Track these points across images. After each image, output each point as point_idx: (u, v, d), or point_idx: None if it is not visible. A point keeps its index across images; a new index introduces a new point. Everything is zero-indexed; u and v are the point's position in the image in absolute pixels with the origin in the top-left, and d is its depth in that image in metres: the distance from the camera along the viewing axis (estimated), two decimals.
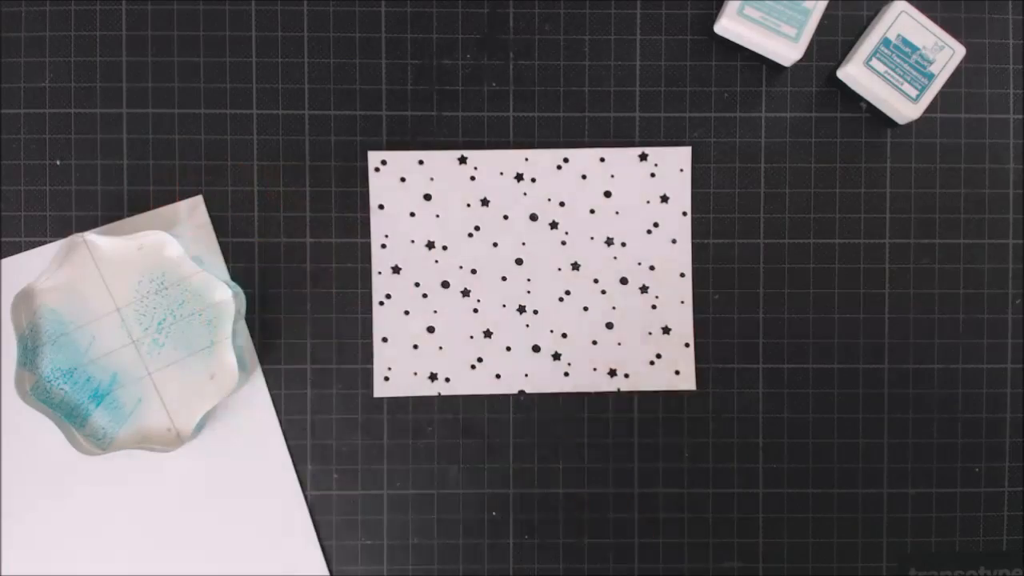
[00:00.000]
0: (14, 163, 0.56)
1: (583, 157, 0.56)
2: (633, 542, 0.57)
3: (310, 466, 0.56)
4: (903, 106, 0.54)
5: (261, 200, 0.56)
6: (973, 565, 0.56)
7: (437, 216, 0.56)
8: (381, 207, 0.56)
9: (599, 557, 0.57)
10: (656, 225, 0.56)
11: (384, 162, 0.56)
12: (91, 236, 0.54)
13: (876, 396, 0.56)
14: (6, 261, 0.56)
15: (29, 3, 0.55)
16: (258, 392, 0.56)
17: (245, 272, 0.56)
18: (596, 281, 0.56)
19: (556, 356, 0.56)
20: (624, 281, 0.56)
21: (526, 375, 0.56)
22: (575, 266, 0.56)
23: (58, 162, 0.56)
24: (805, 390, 0.56)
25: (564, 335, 0.56)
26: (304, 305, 0.56)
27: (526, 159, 0.56)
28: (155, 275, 0.55)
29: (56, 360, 0.55)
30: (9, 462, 0.56)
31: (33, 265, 0.55)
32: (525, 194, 0.56)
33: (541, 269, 0.56)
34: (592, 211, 0.56)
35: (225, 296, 0.55)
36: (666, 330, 0.56)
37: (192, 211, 0.56)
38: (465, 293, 0.56)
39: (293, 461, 0.56)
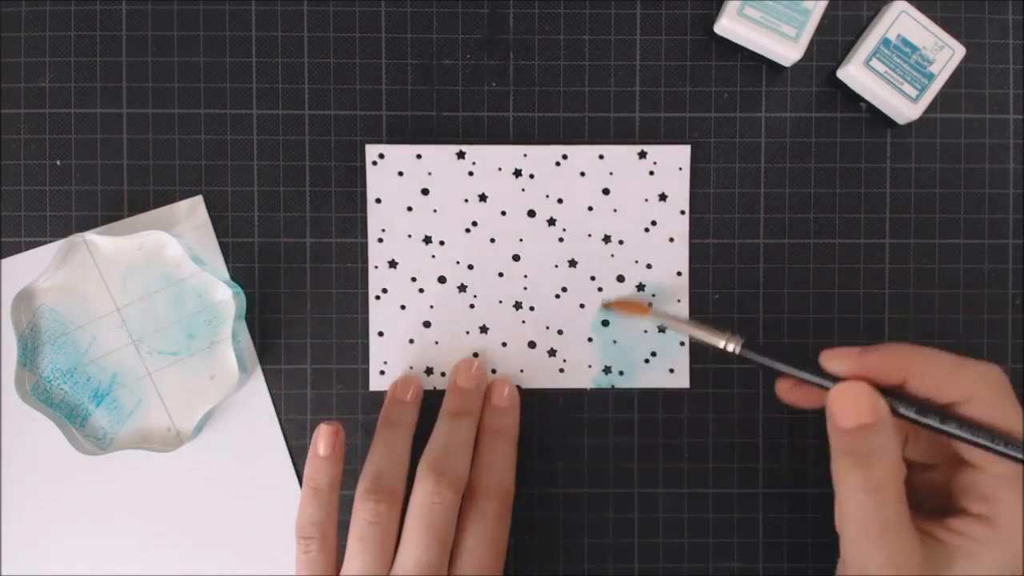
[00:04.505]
0: (14, 163, 0.56)
1: (582, 154, 0.56)
2: (633, 542, 0.57)
3: None
4: (903, 106, 0.53)
5: (261, 200, 0.56)
6: None
7: (434, 211, 0.56)
8: (378, 201, 0.56)
9: (599, 557, 0.57)
10: (654, 223, 0.56)
11: (382, 155, 0.56)
12: (91, 236, 0.54)
13: None
14: (6, 261, 0.56)
15: (29, 3, 0.55)
16: (258, 392, 0.56)
17: (245, 272, 0.56)
18: (593, 278, 0.56)
19: (552, 352, 0.56)
20: (621, 279, 0.56)
21: (521, 371, 0.56)
22: (572, 263, 0.56)
23: (58, 162, 0.56)
24: None
25: (560, 332, 0.56)
26: (304, 305, 0.56)
27: (525, 155, 0.56)
28: (155, 275, 0.55)
29: (56, 360, 0.55)
30: (9, 462, 0.56)
31: (33, 265, 0.55)
32: (523, 190, 0.56)
33: (538, 265, 0.56)
34: (590, 208, 0.56)
35: (225, 296, 0.55)
36: (661, 329, 0.56)
37: (192, 211, 0.56)
38: (462, 288, 0.56)
39: (293, 461, 0.56)
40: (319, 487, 0.51)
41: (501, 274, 0.56)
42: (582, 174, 0.56)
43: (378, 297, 0.56)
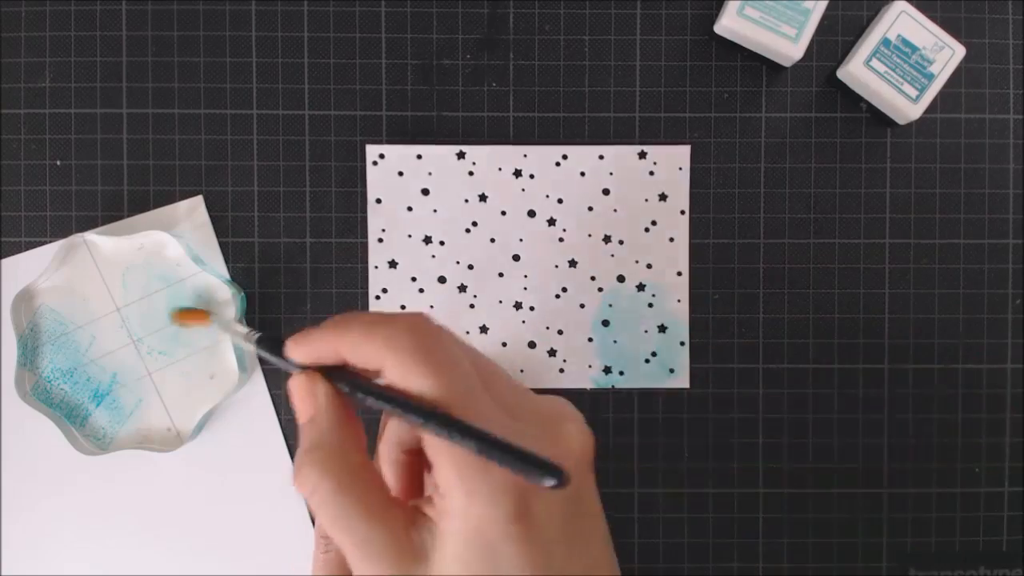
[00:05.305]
0: (14, 163, 0.56)
1: (582, 154, 0.56)
2: (633, 542, 0.57)
3: None
4: (903, 106, 0.54)
5: (261, 200, 0.56)
6: (973, 565, 0.56)
7: (435, 211, 0.56)
8: (379, 201, 0.56)
9: None
10: (654, 223, 0.56)
11: (382, 156, 0.56)
12: (91, 236, 0.54)
13: (876, 396, 0.56)
14: (6, 261, 0.56)
15: (29, 3, 0.55)
16: (258, 392, 0.56)
17: (245, 272, 0.56)
18: (593, 278, 0.56)
19: (552, 353, 0.56)
20: (621, 279, 0.56)
21: (521, 371, 0.56)
22: (572, 263, 0.56)
23: (58, 162, 0.56)
24: (805, 390, 0.56)
25: (560, 332, 0.56)
26: (304, 305, 0.56)
27: (525, 155, 0.56)
28: (155, 275, 0.55)
29: (56, 360, 0.55)
30: (9, 462, 0.56)
31: (33, 265, 0.55)
32: (523, 190, 0.56)
33: (538, 266, 0.56)
34: (590, 208, 0.56)
35: (225, 296, 0.55)
36: (662, 328, 0.56)
37: (192, 211, 0.56)
38: (462, 288, 0.56)
39: (293, 461, 0.56)
40: None
41: (501, 274, 0.56)
42: (582, 174, 0.56)
43: (378, 297, 0.56)
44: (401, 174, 0.56)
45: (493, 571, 0.34)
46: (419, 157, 0.56)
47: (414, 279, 0.56)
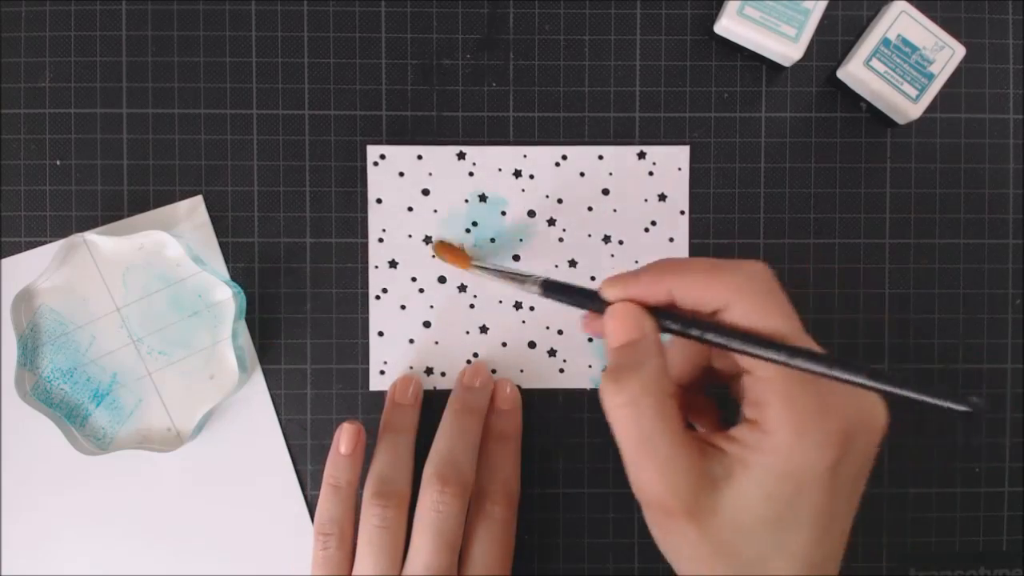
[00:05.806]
0: (14, 163, 0.56)
1: (581, 155, 0.56)
2: (633, 542, 0.57)
3: (310, 466, 0.56)
4: (903, 106, 0.53)
5: (261, 200, 0.56)
6: (973, 565, 0.56)
7: (435, 211, 0.56)
8: (379, 201, 0.56)
9: (599, 557, 0.56)
10: (653, 223, 0.56)
11: (383, 156, 0.56)
12: (91, 236, 0.54)
13: None
14: (6, 261, 0.56)
15: (29, 3, 0.55)
16: (258, 392, 0.56)
17: (245, 272, 0.56)
18: (593, 278, 0.56)
19: (552, 352, 0.56)
20: None
21: (521, 371, 0.56)
22: (572, 263, 0.56)
23: (58, 162, 0.56)
24: None
25: (560, 332, 0.56)
26: (304, 305, 0.56)
27: (524, 156, 0.56)
28: (155, 275, 0.55)
29: (56, 360, 0.55)
30: (9, 462, 0.56)
31: (33, 265, 0.55)
32: (523, 190, 0.56)
33: (538, 266, 0.56)
34: (590, 208, 0.56)
35: (225, 296, 0.55)
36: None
37: (192, 211, 0.56)
38: (462, 288, 0.56)
39: (293, 461, 0.56)
40: (339, 485, 0.52)
41: None
42: (582, 174, 0.56)
43: (378, 297, 0.56)
44: (402, 174, 0.56)
45: (790, 510, 0.36)
46: (420, 157, 0.56)
47: (414, 279, 0.56)
